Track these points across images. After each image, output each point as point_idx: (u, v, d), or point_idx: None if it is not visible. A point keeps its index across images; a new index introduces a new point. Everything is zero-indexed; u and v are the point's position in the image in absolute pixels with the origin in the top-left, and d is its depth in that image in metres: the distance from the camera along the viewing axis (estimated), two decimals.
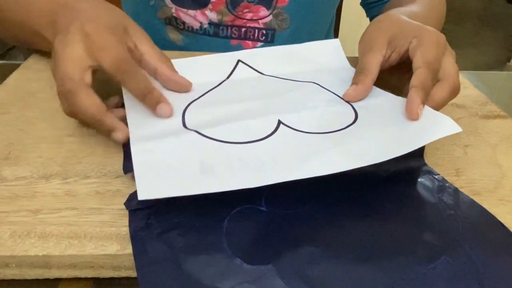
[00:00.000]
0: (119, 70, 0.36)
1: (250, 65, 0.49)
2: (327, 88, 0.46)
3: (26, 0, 0.45)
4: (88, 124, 0.37)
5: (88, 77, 0.36)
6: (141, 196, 0.29)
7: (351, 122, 0.39)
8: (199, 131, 0.37)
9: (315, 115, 0.40)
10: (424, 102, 0.38)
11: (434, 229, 0.31)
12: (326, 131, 0.38)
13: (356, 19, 0.75)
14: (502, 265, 0.28)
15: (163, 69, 0.41)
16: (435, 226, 0.31)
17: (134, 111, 0.39)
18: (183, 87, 0.43)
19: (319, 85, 0.46)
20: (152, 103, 0.38)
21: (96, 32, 0.36)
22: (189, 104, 0.42)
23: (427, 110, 0.38)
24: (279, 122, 0.38)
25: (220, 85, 0.46)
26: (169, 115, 0.38)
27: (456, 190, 0.35)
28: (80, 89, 0.35)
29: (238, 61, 0.49)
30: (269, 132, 0.37)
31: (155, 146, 0.35)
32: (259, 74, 0.48)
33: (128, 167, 0.35)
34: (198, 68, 0.48)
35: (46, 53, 0.51)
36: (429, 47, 0.40)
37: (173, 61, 0.48)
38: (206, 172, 0.32)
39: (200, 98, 0.43)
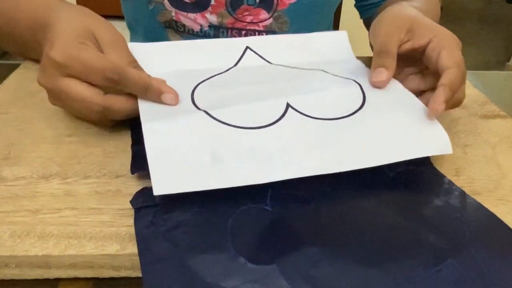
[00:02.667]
0: (110, 82, 0.36)
1: (258, 53, 0.49)
2: (334, 74, 0.46)
3: (11, 21, 0.46)
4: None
5: (95, 87, 0.36)
6: (156, 192, 0.30)
7: (358, 106, 0.39)
8: (208, 111, 0.37)
9: (323, 97, 0.40)
10: (448, 102, 0.38)
11: (440, 231, 0.31)
12: (334, 117, 0.38)
13: (356, 19, 0.75)
14: (508, 269, 0.28)
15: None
16: (441, 229, 0.31)
17: None
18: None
19: (326, 71, 0.47)
20: (154, 96, 0.38)
21: (64, 55, 0.35)
22: (197, 85, 0.42)
23: (434, 121, 0.38)
24: (288, 105, 0.39)
25: (228, 71, 0.46)
26: (176, 101, 0.38)
27: (462, 193, 0.34)
28: (108, 102, 0.37)
29: (247, 48, 0.49)
30: (278, 117, 0.37)
31: (166, 127, 0.35)
32: (267, 63, 0.49)
33: (135, 167, 0.35)
34: (206, 52, 0.48)
35: None
36: (455, 50, 0.40)
37: (180, 42, 0.48)
38: (216, 163, 0.33)
39: (208, 80, 0.43)
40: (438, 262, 0.28)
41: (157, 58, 0.45)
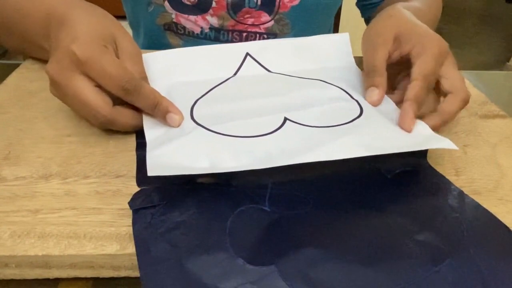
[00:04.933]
0: (124, 92, 0.36)
1: (258, 60, 0.49)
2: (333, 83, 0.46)
3: (24, 11, 0.45)
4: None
5: (105, 96, 0.37)
6: (150, 172, 0.30)
7: (356, 116, 0.40)
8: (208, 127, 0.38)
9: (321, 111, 0.41)
10: (416, 115, 0.39)
11: (438, 232, 0.31)
12: (332, 125, 0.38)
13: (356, 20, 0.76)
14: (507, 269, 0.28)
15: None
16: (439, 229, 0.31)
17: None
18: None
19: (325, 81, 0.47)
20: (161, 114, 0.38)
21: (86, 52, 0.35)
22: (196, 101, 0.42)
23: (428, 130, 0.38)
24: (285, 119, 0.39)
25: (227, 81, 0.46)
26: (179, 123, 0.38)
27: (461, 193, 0.34)
28: (114, 115, 0.37)
29: (247, 54, 0.49)
30: (275, 128, 0.38)
31: (168, 148, 0.35)
32: (266, 71, 0.49)
33: (141, 180, 0.34)
34: (206, 60, 0.48)
35: None
36: (428, 59, 0.41)
37: (181, 49, 0.48)
38: (215, 166, 0.33)
39: (208, 94, 0.43)
40: (437, 262, 0.28)
41: (158, 69, 0.45)
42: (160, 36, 0.66)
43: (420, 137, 0.37)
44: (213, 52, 0.48)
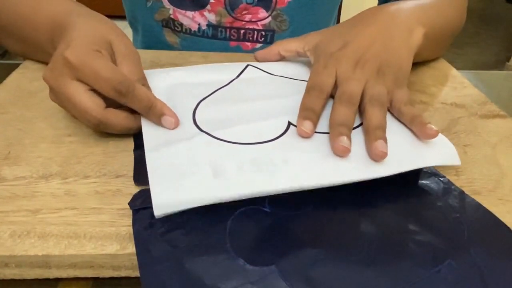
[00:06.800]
0: (116, 94, 0.36)
1: (259, 67, 0.50)
2: None
3: (26, 16, 0.46)
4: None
5: (98, 99, 0.37)
6: (157, 213, 0.29)
7: (360, 122, 0.39)
8: (210, 133, 0.37)
9: (325, 115, 0.40)
10: (382, 137, 0.35)
11: (439, 232, 0.31)
12: None
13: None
14: (508, 269, 0.28)
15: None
16: (440, 229, 0.31)
17: None
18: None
19: None
20: (155, 117, 0.38)
21: (78, 57, 0.35)
22: (199, 103, 0.42)
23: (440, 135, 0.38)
24: (289, 124, 0.38)
25: (230, 84, 0.46)
26: (174, 126, 0.38)
27: (461, 193, 0.34)
28: (106, 116, 0.37)
29: (248, 65, 0.50)
30: (280, 133, 0.37)
31: (169, 151, 0.35)
32: (269, 74, 0.49)
33: (139, 178, 0.34)
34: (207, 70, 0.48)
35: None
36: (344, 82, 0.40)
37: (180, 68, 0.48)
38: (218, 176, 0.32)
39: (210, 97, 0.43)
40: (437, 262, 0.28)
41: (160, 76, 0.45)
42: (158, 34, 0.66)
43: (427, 147, 0.37)
44: (214, 66, 0.49)
